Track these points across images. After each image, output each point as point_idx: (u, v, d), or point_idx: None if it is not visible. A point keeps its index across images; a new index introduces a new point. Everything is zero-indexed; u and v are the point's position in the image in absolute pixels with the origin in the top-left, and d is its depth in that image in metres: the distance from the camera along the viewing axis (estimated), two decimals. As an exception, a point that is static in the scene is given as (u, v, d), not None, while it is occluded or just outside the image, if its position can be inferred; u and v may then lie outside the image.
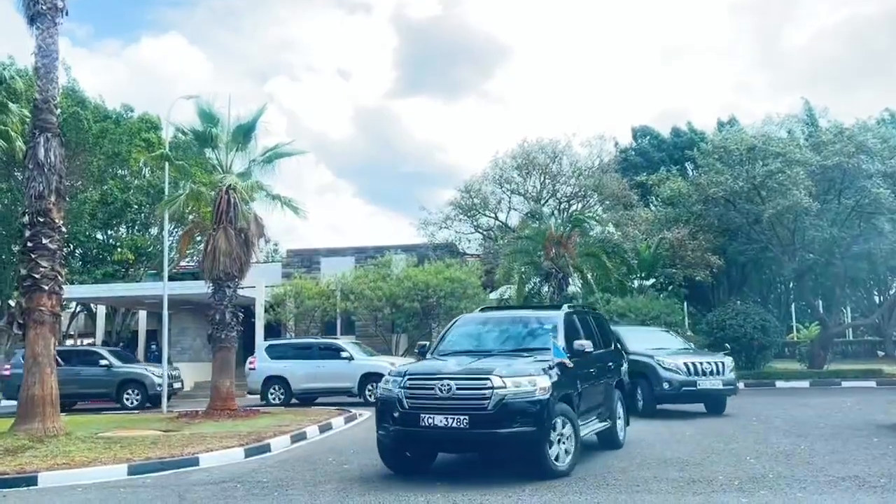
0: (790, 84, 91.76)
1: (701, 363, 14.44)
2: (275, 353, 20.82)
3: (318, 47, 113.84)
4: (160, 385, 19.89)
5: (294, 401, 19.94)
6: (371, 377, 18.61)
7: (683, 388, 14.06)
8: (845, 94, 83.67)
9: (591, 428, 9.14)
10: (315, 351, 20.38)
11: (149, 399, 20.70)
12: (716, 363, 14.59)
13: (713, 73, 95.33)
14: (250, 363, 20.69)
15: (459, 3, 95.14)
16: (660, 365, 14.29)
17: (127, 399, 20.78)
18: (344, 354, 19.65)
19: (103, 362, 21.20)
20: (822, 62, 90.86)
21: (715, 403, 14.59)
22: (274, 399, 20.05)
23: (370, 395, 18.09)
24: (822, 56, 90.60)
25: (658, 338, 16.29)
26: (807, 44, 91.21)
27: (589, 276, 25.45)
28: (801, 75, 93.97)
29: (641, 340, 15.42)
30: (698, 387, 14.14)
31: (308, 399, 19.95)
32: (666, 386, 14.10)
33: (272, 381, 20.20)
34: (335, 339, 22.66)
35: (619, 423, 10.15)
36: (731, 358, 15.39)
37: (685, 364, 14.26)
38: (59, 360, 13.87)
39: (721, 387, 14.34)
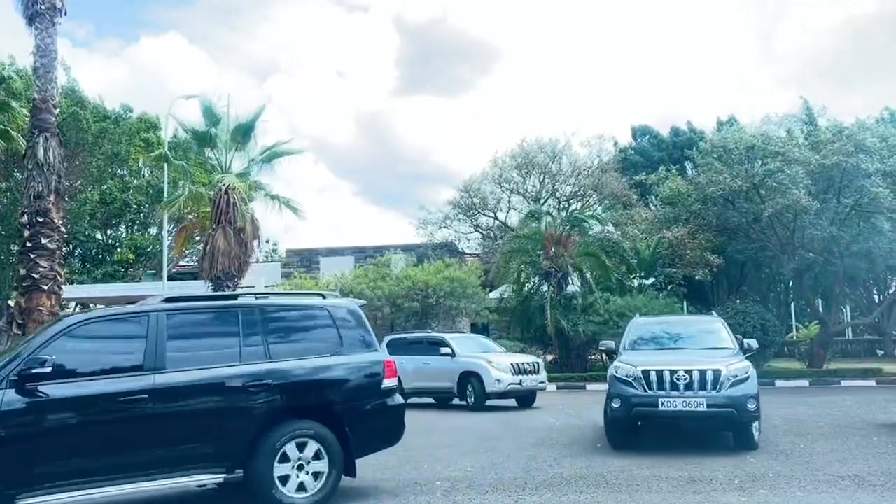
0: (789, 83, 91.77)
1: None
2: (392, 348, 19.14)
3: (317, 47, 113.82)
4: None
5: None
6: (469, 377, 16.70)
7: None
8: (844, 92, 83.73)
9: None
10: (424, 346, 18.36)
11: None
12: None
13: (712, 73, 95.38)
14: None
15: (458, 3, 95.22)
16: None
17: None
18: (444, 350, 17.44)
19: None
20: (820, 61, 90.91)
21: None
22: None
23: (470, 399, 16.54)
24: (820, 55, 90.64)
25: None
26: (805, 43, 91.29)
27: (588, 275, 25.47)
28: (799, 74, 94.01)
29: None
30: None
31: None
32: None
33: None
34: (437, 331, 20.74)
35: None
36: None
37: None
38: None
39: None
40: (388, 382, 7.36)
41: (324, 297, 7.89)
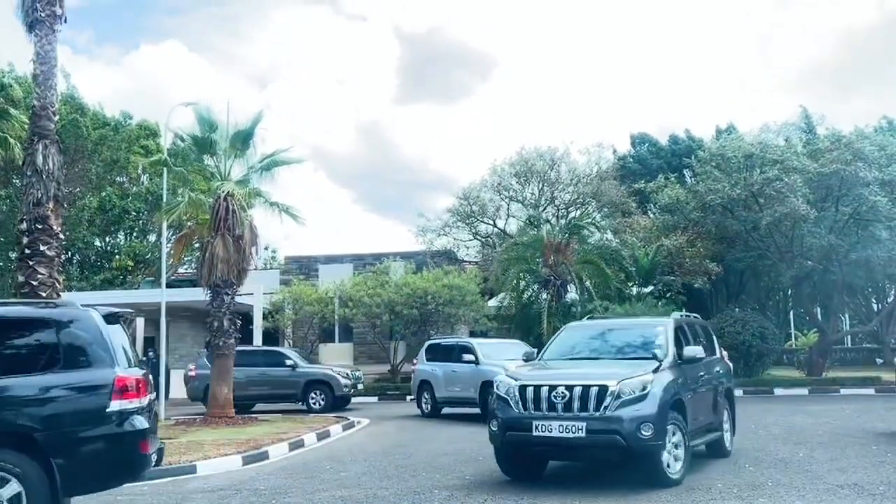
0: (787, 92, 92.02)
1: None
2: (430, 354, 18.48)
3: (317, 54, 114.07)
4: (346, 387, 19.79)
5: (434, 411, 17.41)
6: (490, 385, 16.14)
7: None
8: (842, 101, 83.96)
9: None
10: (455, 352, 17.39)
11: (335, 401, 19.79)
12: None
13: (711, 81, 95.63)
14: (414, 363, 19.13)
15: (457, 12, 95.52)
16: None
17: (313, 401, 19.77)
18: (468, 357, 16.46)
19: (288, 362, 20.39)
20: (818, 70, 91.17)
21: None
22: (426, 406, 17.70)
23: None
24: (819, 64, 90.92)
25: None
26: (804, 52, 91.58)
27: (588, 283, 25.44)
28: (797, 83, 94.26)
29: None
30: None
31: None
32: None
33: (424, 386, 17.84)
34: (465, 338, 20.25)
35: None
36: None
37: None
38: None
39: None
40: (118, 405, 6.02)
41: (55, 304, 7.20)
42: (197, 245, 20.92)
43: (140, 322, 31.59)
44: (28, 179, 12.79)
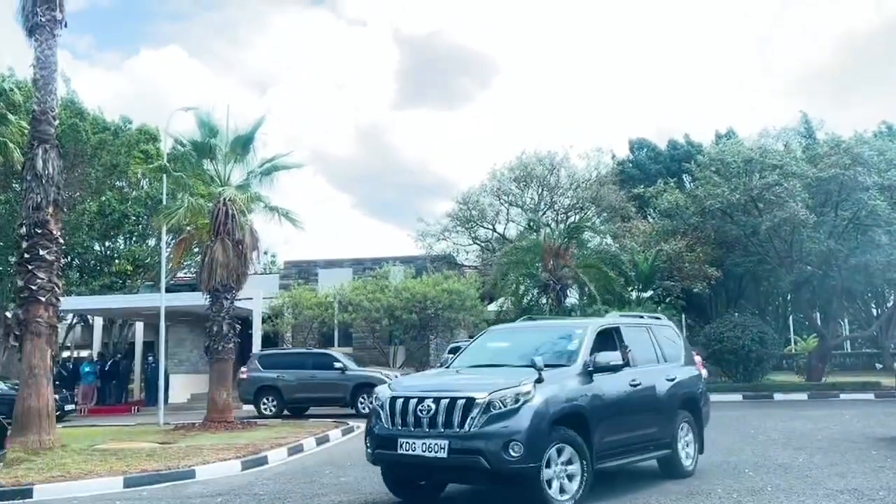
0: (786, 96, 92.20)
1: None
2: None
3: (316, 60, 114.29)
4: None
5: None
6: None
7: None
8: (841, 105, 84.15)
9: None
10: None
11: None
12: None
13: (709, 86, 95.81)
14: None
15: (457, 17, 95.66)
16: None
17: (362, 405, 19.34)
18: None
19: (337, 365, 20.32)
20: (818, 75, 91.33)
21: None
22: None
23: None
24: (818, 69, 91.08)
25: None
26: (803, 56, 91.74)
27: (590, 287, 25.40)
28: (797, 88, 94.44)
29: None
30: None
31: None
32: None
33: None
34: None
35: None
36: None
37: None
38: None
39: None
40: None
41: None
42: (196, 249, 20.92)
43: (139, 326, 31.60)
44: (28, 184, 12.81)
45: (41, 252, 12.59)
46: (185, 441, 13.19)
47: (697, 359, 9.79)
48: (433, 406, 6.76)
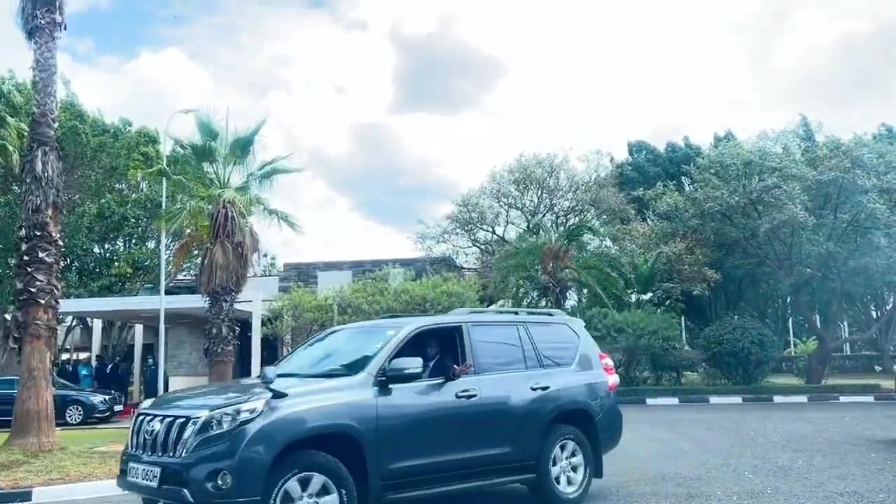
0: (784, 99, 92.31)
1: None
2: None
3: (316, 63, 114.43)
4: None
5: None
6: None
7: None
8: (839, 109, 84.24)
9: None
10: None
11: None
12: None
13: (708, 89, 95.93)
14: None
15: (456, 20, 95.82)
16: None
17: None
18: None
19: None
20: (815, 78, 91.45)
21: None
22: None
23: None
24: (815, 72, 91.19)
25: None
26: (800, 60, 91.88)
27: (592, 289, 25.40)
28: (794, 91, 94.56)
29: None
30: None
31: None
32: None
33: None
34: None
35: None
36: None
37: None
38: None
39: None
40: None
41: None
42: (196, 252, 20.92)
43: (139, 329, 31.58)
44: (27, 186, 12.80)
45: (40, 254, 12.58)
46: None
47: (606, 361, 8.21)
48: (158, 426, 5.82)
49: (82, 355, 34.83)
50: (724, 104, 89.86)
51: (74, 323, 33.17)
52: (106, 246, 31.58)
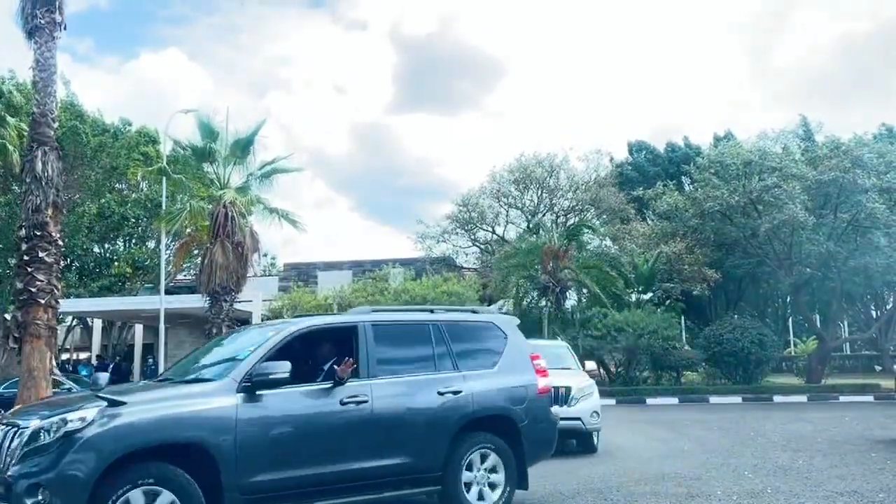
0: (784, 100, 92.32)
1: None
2: None
3: (315, 63, 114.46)
4: None
5: None
6: None
7: None
8: (838, 109, 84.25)
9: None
10: None
11: None
12: None
13: (707, 89, 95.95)
14: None
15: (455, 20, 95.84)
16: None
17: None
18: None
19: None
20: (815, 78, 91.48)
21: None
22: None
23: None
24: (815, 72, 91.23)
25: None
26: (800, 60, 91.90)
27: (592, 288, 25.38)
28: (794, 91, 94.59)
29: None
30: None
31: None
32: None
33: None
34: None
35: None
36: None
37: None
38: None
39: None
40: None
41: None
42: (196, 252, 20.92)
43: (139, 328, 31.60)
44: (27, 186, 12.79)
45: (40, 254, 12.57)
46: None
47: (539, 363, 7.45)
48: (11, 436, 5.36)
49: (82, 355, 34.84)
50: (723, 104, 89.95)
51: (74, 323, 33.18)
52: (106, 246, 31.59)
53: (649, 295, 27.46)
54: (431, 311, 7.52)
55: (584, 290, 25.97)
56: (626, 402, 21.42)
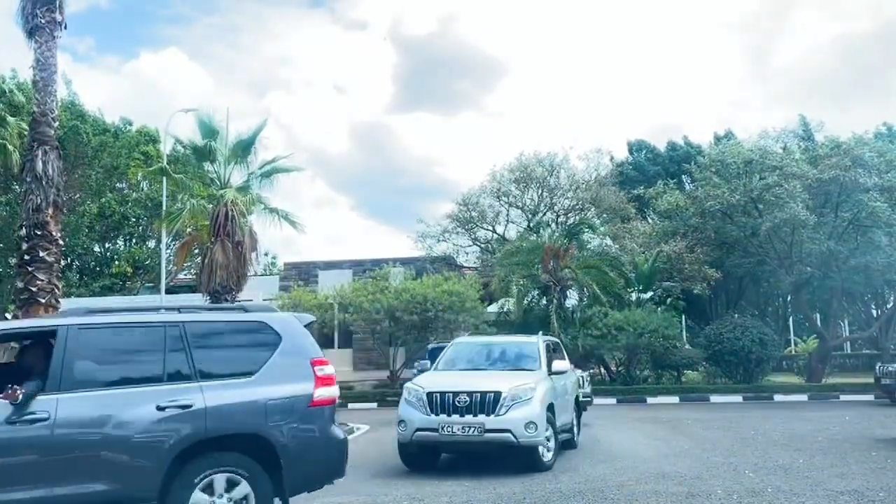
0: (784, 99, 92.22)
1: None
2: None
3: (316, 63, 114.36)
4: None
5: None
6: None
7: None
8: (838, 109, 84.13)
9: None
10: None
11: None
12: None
13: (707, 88, 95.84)
14: None
15: (455, 20, 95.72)
16: None
17: None
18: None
19: None
20: (814, 78, 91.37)
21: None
22: None
23: None
24: (814, 72, 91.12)
25: None
26: (800, 60, 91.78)
27: (592, 288, 25.35)
28: (794, 90, 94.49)
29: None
30: None
31: None
32: None
33: None
34: None
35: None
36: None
37: None
38: None
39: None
40: None
41: None
42: (197, 251, 20.93)
43: (139, 328, 31.58)
44: (28, 185, 12.82)
45: (41, 254, 12.59)
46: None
47: (323, 368, 6.36)
48: None
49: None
50: (724, 104, 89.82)
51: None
52: (106, 245, 31.61)
53: (650, 294, 27.43)
54: (178, 311, 6.47)
55: (585, 290, 25.93)
56: (627, 402, 21.43)
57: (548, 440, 9.45)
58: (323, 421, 6.26)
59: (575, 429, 11.55)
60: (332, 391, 6.38)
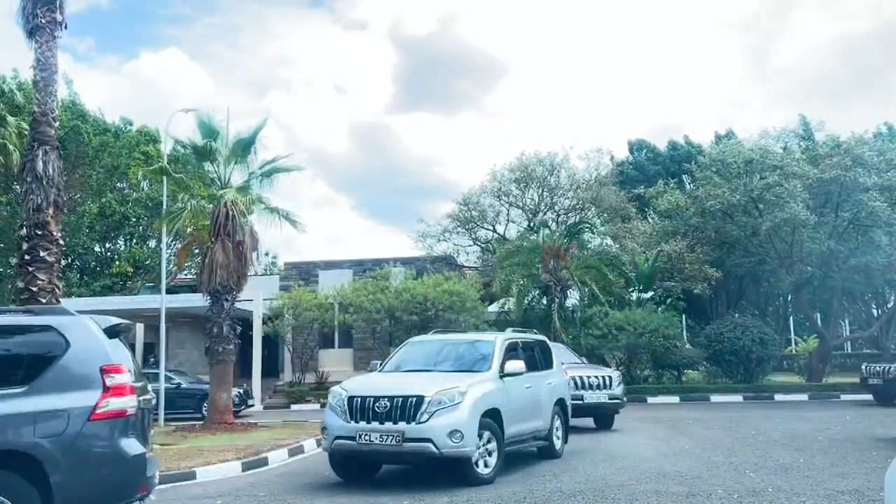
0: (784, 99, 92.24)
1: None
2: None
3: (316, 63, 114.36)
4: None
5: None
6: None
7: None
8: (838, 109, 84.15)
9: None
10: None
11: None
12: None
13: (708, 88, 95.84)
14: None
15: (455, 20, 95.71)
16: None
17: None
18: None
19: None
20: (814, 78, 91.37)
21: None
22: None
23: None
24: (814, 72, 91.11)
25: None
26: (800, 60, 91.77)
27: (592, 287, 25.37)
28: (794, 90, 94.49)
29: None
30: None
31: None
32: None
33: None
34: None
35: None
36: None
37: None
38: None
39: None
40: None
41: None
42: (197, 251, 20.93)
43: (140, 328, 31.59)
44: (28, 185, 12.83)
45: (42, 253, 12.60)
46: (186, 442, 13.17)
47: (115, 377, 5.59)
48: None
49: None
50: (724, 104, 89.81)
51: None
52: (107, 245, 31.63)
53: (650, 294, 27.44)
54: None
55: (586, 289, 25.93)
56: (627, 401, 21.41)
57: (487, 452, 8.51)
58: (109, 435, 5.47)
59: (556, 436, 10.47)
60: (125, 402, 5.56)
